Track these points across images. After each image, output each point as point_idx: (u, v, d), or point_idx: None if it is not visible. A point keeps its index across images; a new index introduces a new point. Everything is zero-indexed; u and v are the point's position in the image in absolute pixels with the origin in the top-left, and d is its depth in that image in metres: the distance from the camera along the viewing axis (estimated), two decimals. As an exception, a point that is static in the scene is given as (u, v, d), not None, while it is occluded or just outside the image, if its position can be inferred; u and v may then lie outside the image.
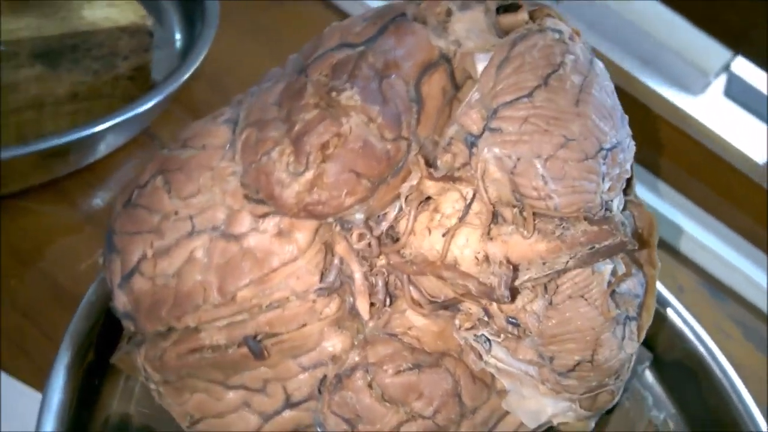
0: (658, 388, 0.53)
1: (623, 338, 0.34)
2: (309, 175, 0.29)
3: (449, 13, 0.32)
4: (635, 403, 0.49)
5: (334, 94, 0.29)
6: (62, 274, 0.44)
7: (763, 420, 0.49)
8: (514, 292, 0.30)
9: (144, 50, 0.50)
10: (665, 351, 0.54)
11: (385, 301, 0.34)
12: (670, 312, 0.53)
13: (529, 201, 0.30)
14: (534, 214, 0.30)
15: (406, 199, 0.32)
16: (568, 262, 0.30)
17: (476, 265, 0.31)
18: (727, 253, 0.69)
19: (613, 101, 0.31)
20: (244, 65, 0.64)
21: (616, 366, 0.35)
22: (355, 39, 0.31)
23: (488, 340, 0.33)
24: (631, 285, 0.35)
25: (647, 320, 0.37)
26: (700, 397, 0.52)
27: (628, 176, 0.32)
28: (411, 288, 0.33)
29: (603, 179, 0.30)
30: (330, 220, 0.31)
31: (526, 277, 0.30)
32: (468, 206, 0.31)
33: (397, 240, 0.33)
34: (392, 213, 0.33)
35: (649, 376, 0.54)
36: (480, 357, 0.34)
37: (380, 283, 0.34)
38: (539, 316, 0.32)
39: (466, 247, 0.31)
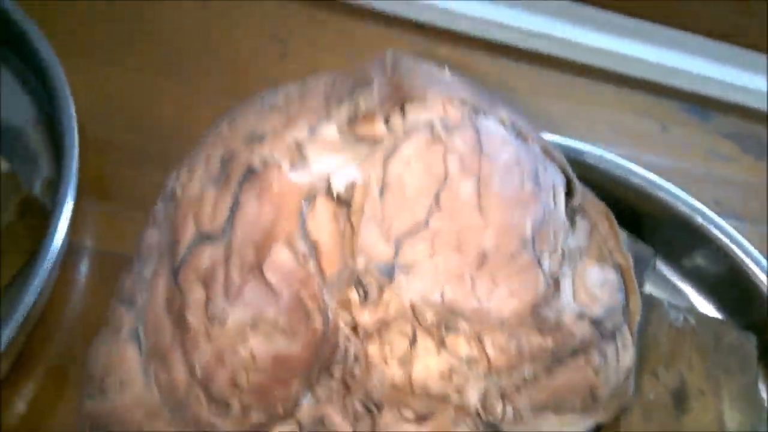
0: (669, 281, 0.52)
1: (617, 355, 0.33)
2: (236, 410, 0.26)
3: (299, 145, 0.26)
4: (653, 316, 0.48)
5: (218, 326, 0.26)
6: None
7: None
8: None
9: (15, 188, 0.44)
10: (664, 238, 0.52)
11: (373, 414, 0.32)
12: (661, 195, 0.50)
13: (471, 323, 0.27)
14: (480, 334, 0.27)
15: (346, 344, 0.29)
16: (534, 369, 0.27)
17: (443, 379, 0.29)
18: (698, 65, 0.63)
19: (520, 172, 0.26)
20: (156, 102, 0.57)
21: (622, 379, 0.33)
22: (211, 227, 0.27)
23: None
24: (610, 299, 0.32)
25: (636, 311, 0.35)
26: (711, 269, 0.50)
27: (565, 228, 0.28)
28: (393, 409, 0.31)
29: (540, 261, 0.27)
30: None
31: (497, 388, 0.28)
32: (413, 337, 0.28)
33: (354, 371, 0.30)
34: (340, 353, 0.30)
35: (659, 270, 0.53)
36: None
37: (360, 408, 0.32)
38: (530, 396, 0.30)
39: (428, 371, 0.29)
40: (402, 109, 0.26)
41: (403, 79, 0.26)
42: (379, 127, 0.25)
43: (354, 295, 0.29)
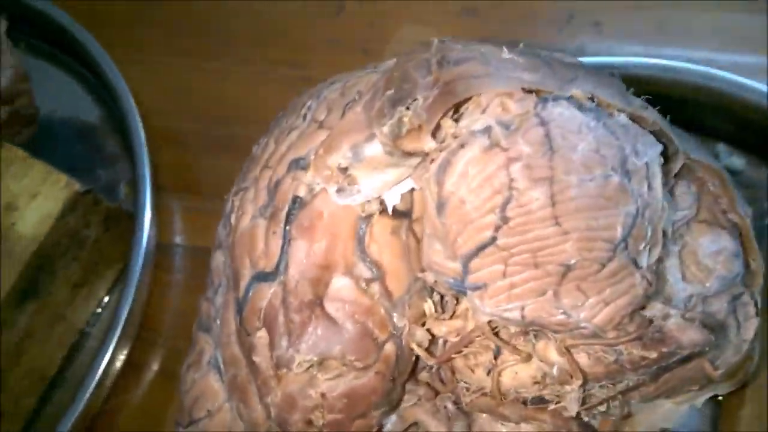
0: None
1: (738, 329, 0.29)
2: (317, 448, 0.25)
3: (343, 168, 0.24)
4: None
5: (284, 371, 0.24)
6: None
7: None
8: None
9: (95, 204, 0.45)
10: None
11: (468, 412, 0.31)
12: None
13: (561, 336, 0.24)
14: (570, 345, 0.24)
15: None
16: (638, 378, 0.24)
17: (537, 385, 0.27)
18: None
19: (602, 164, 0.22)
20: (217, 86, 0.55)
21: (744, 351, 0.29)
22: (265, 265, 0.25)
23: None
24: (726, 268, 0.28)
25: (759, 272, 0.30)
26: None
27: (665, 208, 0.24)
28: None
29: (636, 261, 0.23)
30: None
31: (600, 399, 0.25)
32: (497, 349, 0.26)
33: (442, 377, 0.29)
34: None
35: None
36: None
37: (452, 408, 0.30)
38: (639, 392, 0.27)
39: (518, 378, 0.26)
40: (453, 115, 0.22)
41: (453, 76, 0.22)
42: (426, 142, 0.22)
43: (428, 306, 0.27)
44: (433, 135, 0.22)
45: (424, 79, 0.22)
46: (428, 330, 0.26)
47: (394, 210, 0.25)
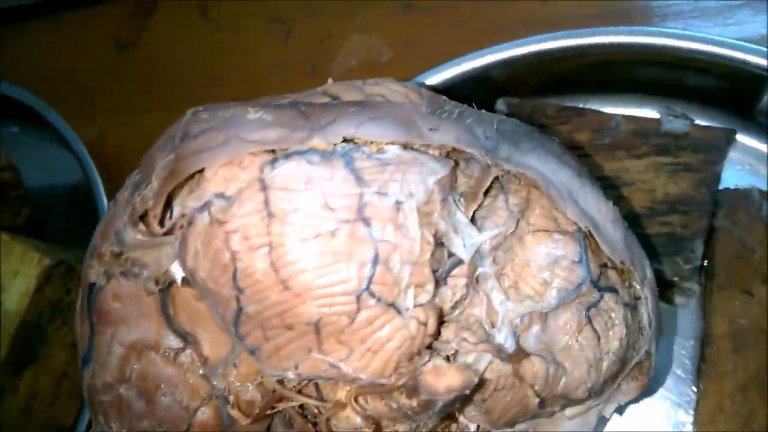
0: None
1: (599, 339, 0.26)
2: None
3: (117, 254, 0.25)
4: (740, 215, 0.37)
5: None
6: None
7: None
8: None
9: (69, 272, 0.49)
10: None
11: None
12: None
13: (351, 389, 0.23)
14: (355, 396, 0.23)
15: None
16: (431, 419, 0.23)
17: (367, 427, 0.26)
18: None
19: (330, 218, 0.21)
20: None
21: (614, 360, 0.27)
22: (83, 350, 0.26)
23: None
24: (567, 278, 0.26)
25: (629, 269, 0.27)
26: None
27: (426, 254, 0.22)
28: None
29: (395, 304, 0.22)
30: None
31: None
32: (320, 398, 0.26)
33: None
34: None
35: (743, 145, 0.42)
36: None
37: None
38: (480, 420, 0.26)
39: (350, 423, 0.26)
40: (195, 191, 0.23)
41: (187, 152, 0.22)
42: (155, 226, 0.23)
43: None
44: (163, 216, 0.22)
45: (164, 159, 0.23)
46: (262, 384, 0.27)
47: (186, 280, 0.25)
